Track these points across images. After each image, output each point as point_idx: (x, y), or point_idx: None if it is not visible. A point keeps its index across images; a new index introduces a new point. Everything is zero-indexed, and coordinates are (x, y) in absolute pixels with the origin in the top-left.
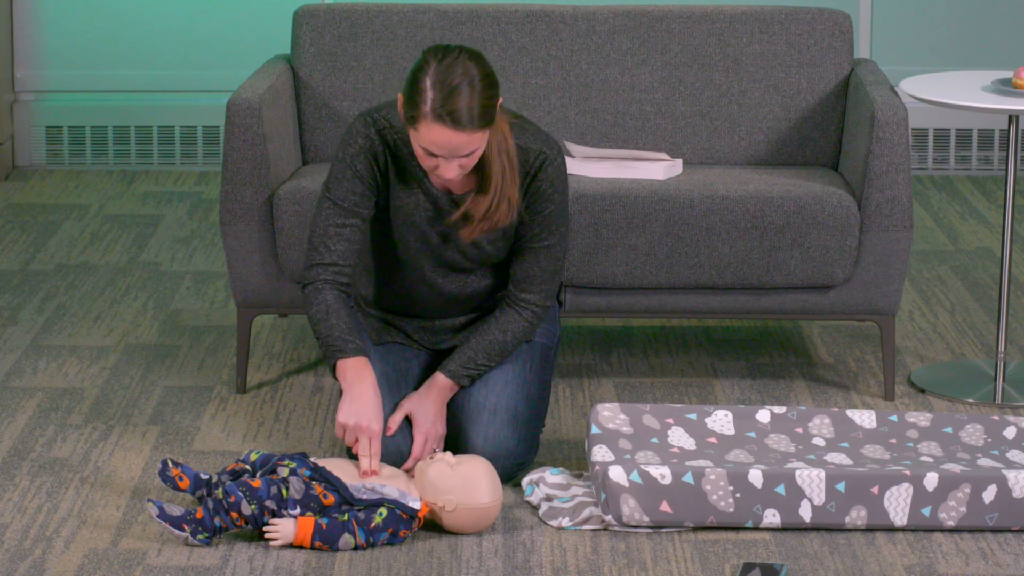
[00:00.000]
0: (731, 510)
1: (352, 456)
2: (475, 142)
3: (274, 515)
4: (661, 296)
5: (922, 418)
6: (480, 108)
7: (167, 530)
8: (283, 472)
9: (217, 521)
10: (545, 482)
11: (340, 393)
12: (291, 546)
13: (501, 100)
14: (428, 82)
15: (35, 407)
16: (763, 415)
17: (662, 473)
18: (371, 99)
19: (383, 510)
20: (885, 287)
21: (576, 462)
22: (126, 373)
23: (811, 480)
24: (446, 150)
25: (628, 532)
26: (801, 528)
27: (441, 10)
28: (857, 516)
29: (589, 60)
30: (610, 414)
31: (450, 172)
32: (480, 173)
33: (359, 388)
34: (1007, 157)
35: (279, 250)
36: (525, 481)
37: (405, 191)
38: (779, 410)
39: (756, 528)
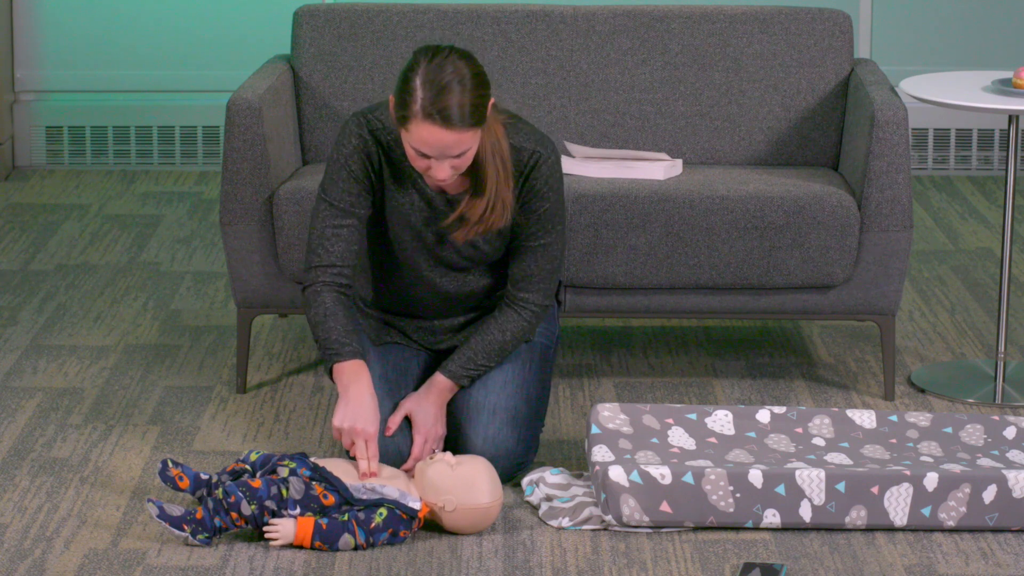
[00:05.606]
0: (731, 510)
1: (351, 458)
2: (466, 141)
3: (274, 515)
4: (661, 296)
5: (922, 418)
6: (471, 107)
7: (167, 530)
8: (283, 472)
9: (217, 521)
10: (545, 482)
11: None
12: (291, 546)
13: (493, 101)
14: (418, 81)
15: (35, 407)
16: (763, 415)
17: (662, 473)
18: (371, 99)
19: (383, 510)
20: (885, 287)
21: (576, 462)
22: (126, 373)
23: (811, 480)
24: (437, 150)
25: (628, 532)
26: (801, 528)
27: (441, 10)
28: (857, 516)
29: (589, 60)
30: (610, 414)
31: (442, 173)
32: (474, 175)
33: (354, 390)
34: (1007, 157)
35: (279, 250)
36: (525, 481)
37: (400, 191)
38: (779, 410)
39: (756, 528)
